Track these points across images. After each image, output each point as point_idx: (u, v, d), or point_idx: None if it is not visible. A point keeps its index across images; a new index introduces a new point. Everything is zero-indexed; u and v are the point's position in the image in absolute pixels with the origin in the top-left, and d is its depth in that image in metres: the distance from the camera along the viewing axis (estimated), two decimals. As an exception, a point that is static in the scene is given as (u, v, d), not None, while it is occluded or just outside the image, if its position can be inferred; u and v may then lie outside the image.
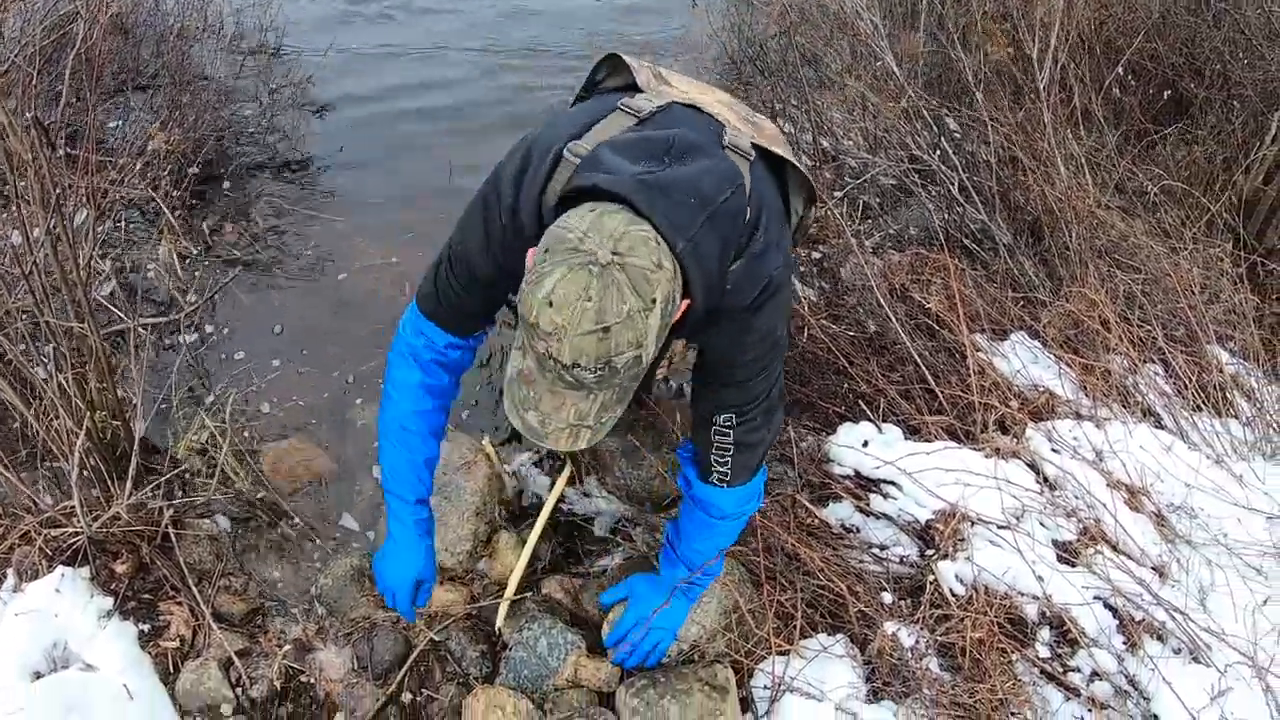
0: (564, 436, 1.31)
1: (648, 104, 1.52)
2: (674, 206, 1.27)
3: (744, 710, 1.86)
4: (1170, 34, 3.30)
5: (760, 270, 1.43)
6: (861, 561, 2.03)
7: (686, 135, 1.42)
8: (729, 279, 1.40)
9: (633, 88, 1.66)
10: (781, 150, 1.62)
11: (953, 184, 2.67)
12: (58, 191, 1.95)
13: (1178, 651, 2.02)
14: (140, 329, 2.23)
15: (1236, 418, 2.63)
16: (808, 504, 2.05)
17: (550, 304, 1.17)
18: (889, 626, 1.90)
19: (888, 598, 1.98)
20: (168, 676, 1.98)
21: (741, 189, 1.40)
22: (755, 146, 1.54)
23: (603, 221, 1.21)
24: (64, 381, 1.99)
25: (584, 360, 1.19)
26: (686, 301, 1.31)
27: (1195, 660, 2.00)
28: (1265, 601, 2.09)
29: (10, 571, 2.04)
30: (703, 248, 1.30)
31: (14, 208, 2.01)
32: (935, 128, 2.74)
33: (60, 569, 2.04)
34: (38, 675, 1.92)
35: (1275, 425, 2.50)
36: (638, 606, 1.90)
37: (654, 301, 1.20)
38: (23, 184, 2.06)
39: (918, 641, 1.92)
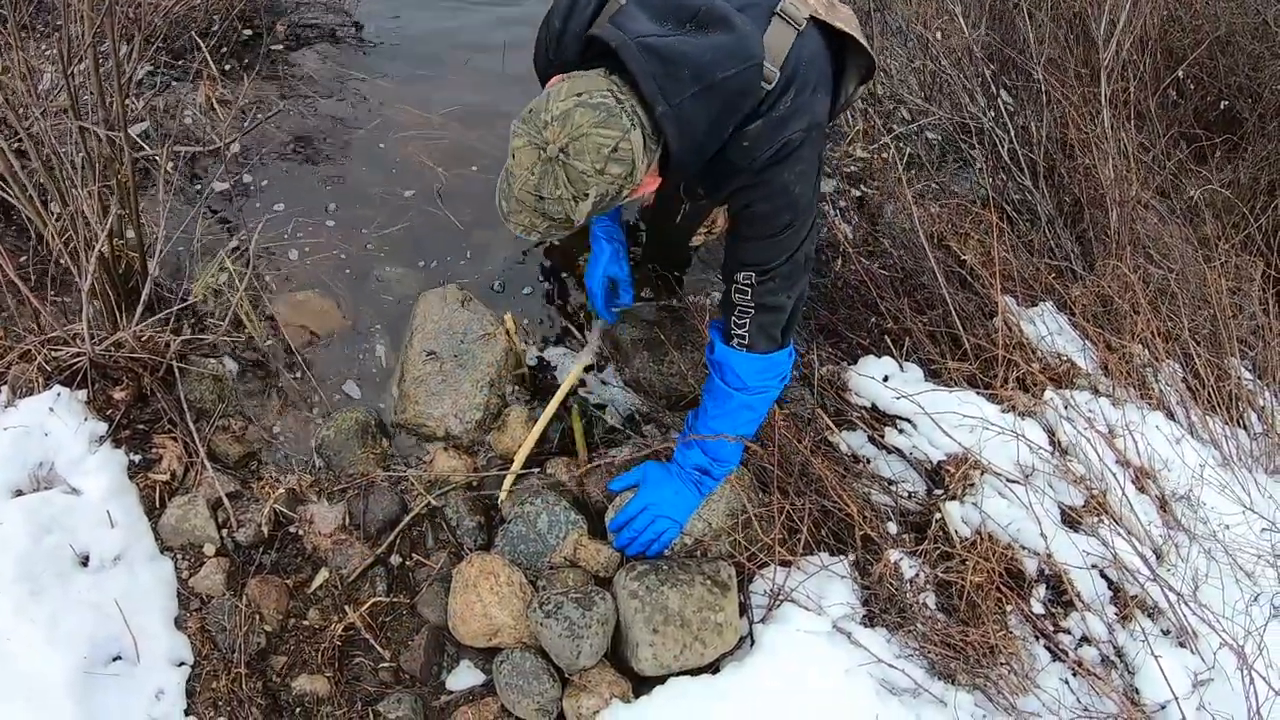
0: (520, 229, 1.52)
1: None
2: (666, 74, 1.42)
3: (740, 613, 1.83)
4: (1232, 52, 3.30)
5: (778, 133, 1.55)
6: (870, 491, 2.01)
7: (718, 6, 1.50)
8: (744, 139, 1.55)
9: None
10: (844, 26, 1.68)
11: (1002, 146, 2.66)
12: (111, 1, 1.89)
13: (1166, 633, 2.02)
14: (169, 162, 2.18)
15: (1246, 430, 2.64)
16: (827, 418, 2.02)
17: (513, 156, 1.44)
18: (892, 555, 1.88)
19: (893, 528, 1.96)
20: (153, 510, 1.94)
21: (754, 68, 1.49)
22: (814, 19, 1.62)
23: (574, 113, 1.40)
24: (86, 196, 1.93)
25: (525, 203, 1.46)
26: (651, 179, 1.54)
27: (1181, 645, 2.00)
28: (1255, 598, 2.09)
29: (4, 387, 1.99)
30: (688, 114, 1.45)
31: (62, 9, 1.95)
32: (993, 88, 2.72)
33: (57, 388, 2.00)
34: (19, 493, 1.88)
35: (1281, 443, 2.51)
36: (647, 492, 1.88)
37: (586, 195, 1.43)
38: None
39: (918, 574, 1.90)
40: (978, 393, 2.17)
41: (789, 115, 1.55)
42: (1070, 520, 2.07)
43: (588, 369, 2.20)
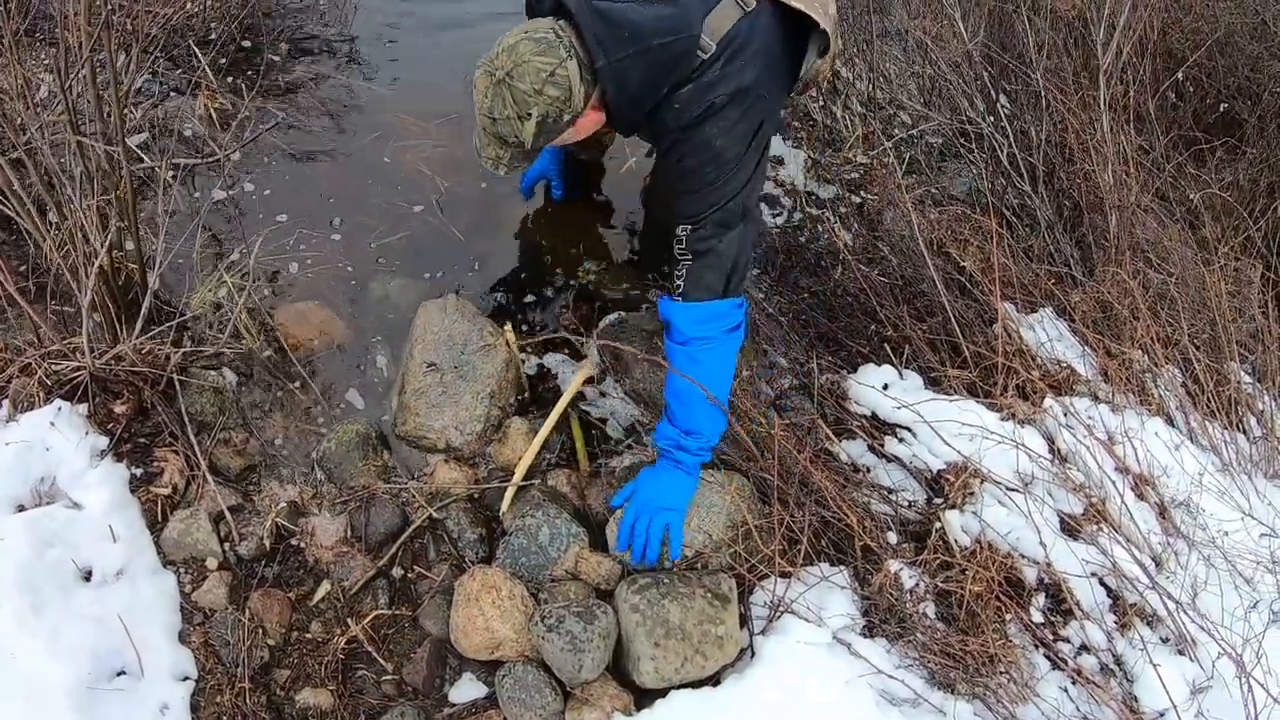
0: (489, 162, 1.81)
1: None
2: (609, 34, 1.68)
3: (741, 625, 1.84)
4: (1231, 54, 3.29)
5: (704, 96, 1.76)
6: (870, 500, 2.02)
7: None
8: (676, 100, 1.77)
9: None
10: (800, 5, 1.87)
11: (1001, 151, 2.66)
12: (107, 11, 1.89)
13: (1165, 640, 2.02)
14: (168, 172, 2.17)
15: (1245, 435, 2.64)
16: (826, 429, 2.03)
17: (475, 86, 1.73)
18: (892, 565, 1.89)
19: (893, 538, 1.96)
20: (154, 524, 1.95)
21: (689, 39, 1.74)
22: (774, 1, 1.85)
23: (517, 47, 1.67)
24: (85, 211, 1.93)
25: (484, 127, 1.76)
26: (594, 113, 1.78)
27: (1180, 653, 2.00)
28: (1254, 605, 2.09)
29: (4, 401, 1.99)
30: (624, 71, 1.70)
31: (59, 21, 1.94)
32: (992, 92, 2.72)
33: (58, 402, 2.00)
34: (20, 508, 1.88)
35: (1280, 448, 2.51)
36: (639, 495, 1.90)
37: (529, 115, 1.69)
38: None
39: (918, 584, 1.91)
40: (977, 401, 2.18)
41: (716, 81, 1.76)
42: (1070, 528, 2.07)
43: (588, 380, 2.21)
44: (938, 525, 1.98)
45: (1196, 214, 2.88)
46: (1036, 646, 1.94)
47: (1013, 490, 2.06)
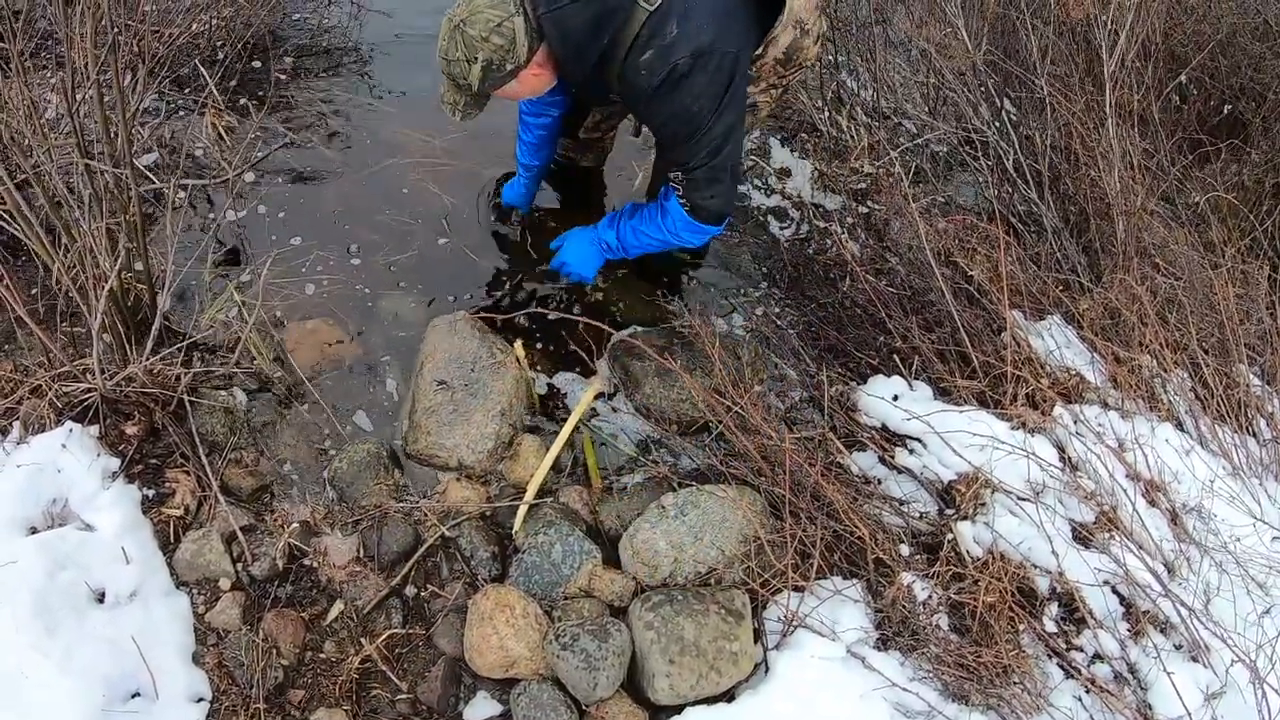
0: (447, 107, 2.05)
1: None
2: None
3: (755, 640, 1.84)
4: (1234, 54, 3.28)
5: (666, 59, 1.91)
6: (881, 512, 2.02)
7: None
8: (643, 66, 1.93)
9: None
10: None
11: (1007, 159, 2.66)
12: (114, 33, 1.90)
13: (1179, 648, 2.01)
14: (177, 193, 2.18)
15: (1255, 438, 2.63)
16: (838, 442, 2.03)
17: (440, 35, 1.94)
18: (905, 577, 1.89)
19: (905, 550, 1.96)
20: (167, 545, 1.95)
21: None
22: None
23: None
24: (93, 233, 1.93)
25: (442, 69, 1.99)
26: (544, 54, 1.96)
27: (1194, 659, 1.99)
28: (1268, 611, 2.09)
29: (16, 423, 1.99)
30: (566, 19, 1.89)
31: (65, 43, 1.95)
32: (997, 101, 2.72)
33: (69, 424, 2.00)
34: (33, 530, 1.88)
35: (1293, 450, 2.50)
36: (566, 252, 2.39)
37: (476, 59, 1.91)
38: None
39: (930, 596, 1.91)
40: (987, 411, 2.17)
41: (675, 43, 1.90)
42: (1081, 537, 2.07)
43: (598, 396, 2.21)
44: (950, 536, 1.98)
45: (1202, 217, 2.87)
46: (1050, 656, 1.94)
47: (1024, 500, 2.06)
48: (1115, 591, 2.03)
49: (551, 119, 2.48)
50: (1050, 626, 1.97)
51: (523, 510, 1.98)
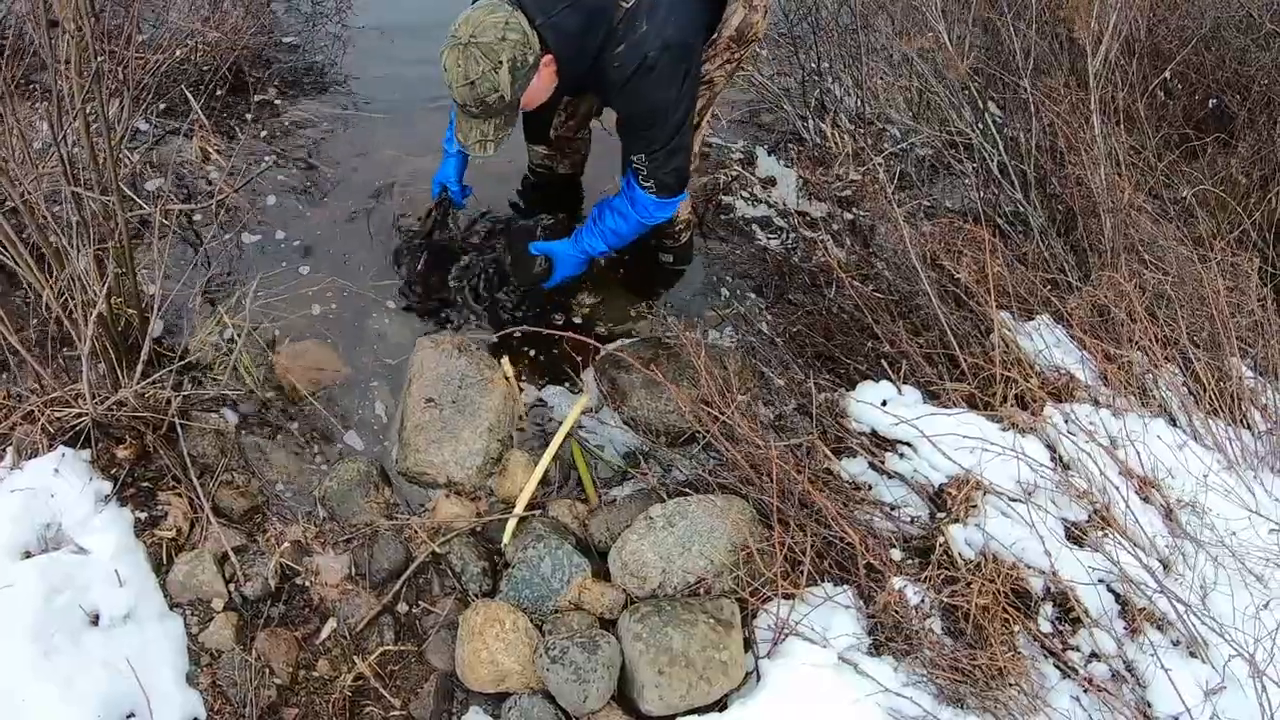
0: (477, 146, 2.11)
1: None
2: None
3: (745, 649, 1.84)
4: (1218, 48, 3.29)
5: (638, 51, 2.06)
6: (872, 517, 2.01)
7: None
8: (616, 59, 2.08)
9: None
10: None
11: (992, 160, 2.66)
12: (98, 61, 1.92)
13: (1176, 644, 2.00)
14: (162, 217, 2.19)
15: (1250, 430, 2.62)
16: (825, 449, 2.03)
17: (444, 70, 2.00)
18: (897, 582, 1.88)
19: (897, 554, 1.96)
20: (160, 567, 1.96)
21: None
22: None
23: (470, 15, 1.97)
24: (82, 259, 1.95)
25: (468, 102, 2.02)
26: (549, 56, 2.04)
27: (1193, 655, 1.98)
28: (1266, 604, 2.08)
29: (9, 449, 2.01)
30: (562, 23, 2.01)
31: (51, 73, 1.97)
32: (980, 103, 2.73)
33: (61, 449, 2.01)
34: (27, 554, 1.89)
35: (1289, 440, 2.49)
36: (560, 270, 2.47)
37: (501, 62, 1.96)
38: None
39: (923, 601, 1.90)
40: (977, 413, 2.17)
41: (644, 37, 2.05)
42: (1074, 536, 2.06)
43: (585, 410, 2.21)
44: (941, 540, 1.97)
45: (1190, 211, 2.87)
46: (1046, 657, 1.93)
47: (1016, 501, 2.06)
48: (1110, 589, 2.02)
49: None
50: (1045, 627, 1.96)
51: (512, 523, 1.99)
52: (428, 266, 2.62)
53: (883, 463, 2.11)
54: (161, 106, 2.88)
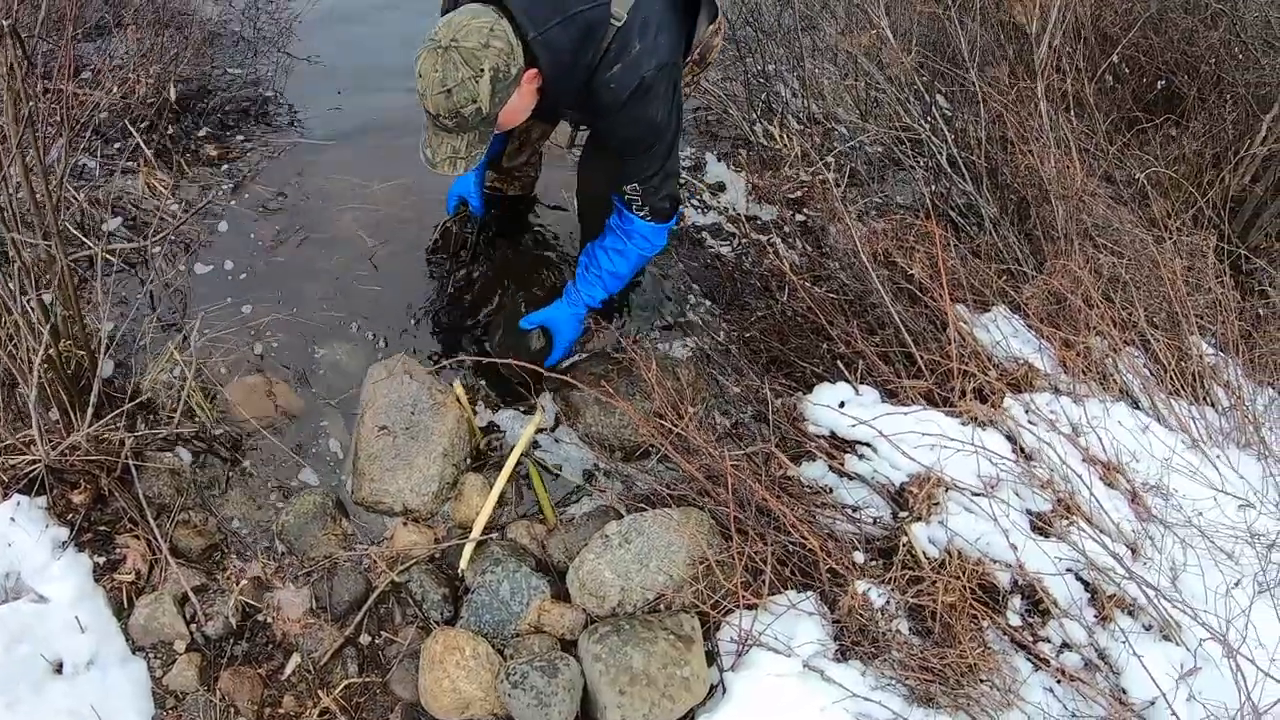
0: (446, 164, 1.92)
1: None
2: (533, 5, 1.85)
3: (709, 662, 1.82)
4: (1166, 29, 3.30)
5: (634, 73, 1.96)
6: (834, 521, 2.00)
7: None
8: (610, 80, 1.96)
9: None
10: None
11: (941, 154, 2.66)
12: (30, 105, 1.90)
13: (1148, 628, 2.00)
14: (107, 255, 2.18)
15: (1213, 406, 2.62)
16: (782, 457, 2.02)
17: (420, 75, 1.83)
18: (860, 585, 1.87)
19: (859, 557, 1.95)
20: (121, 611, 1.94)
21: (602, 6, 1.91)
22: None
23: (453, 19, 1.82)
24: (27, 305, 1.93)
25: (442, 112, 1.84)
26: (534, 72, 1.89)
27: (1165, 638, 1.98)
28: (1236, 583, 2.07)
29: (-36, 499, 1.98)
30: (554, 39, 1.87)
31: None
32: (927, 97, 2.73)
33: (16, 497, 1.99)
34: (-13, 605, 1.87)
35: (1251, 416, 2.49)
36: (563, 337, 2.36)
37: (483, 71, 1.80)
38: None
39: (888, 602, 1.89)
40: (936, 409, 2.16)
41: (640, 57, 1.95)
42: (1039, 527, 2.06)
43: (541, 429, 2.20)
44: (904, 539, 1.96)
45: (1144, 193, 2.88)
46: (1016, 650, 1.92)
47: (978, 495, 2.05)
48: (1079, 578, 2.01)
49: None
50: (1014, 620, 1.95)
51: (469, 549, 1.97)
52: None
53: (842, 465, 2.10)
54: (114, 146, 2.86)
